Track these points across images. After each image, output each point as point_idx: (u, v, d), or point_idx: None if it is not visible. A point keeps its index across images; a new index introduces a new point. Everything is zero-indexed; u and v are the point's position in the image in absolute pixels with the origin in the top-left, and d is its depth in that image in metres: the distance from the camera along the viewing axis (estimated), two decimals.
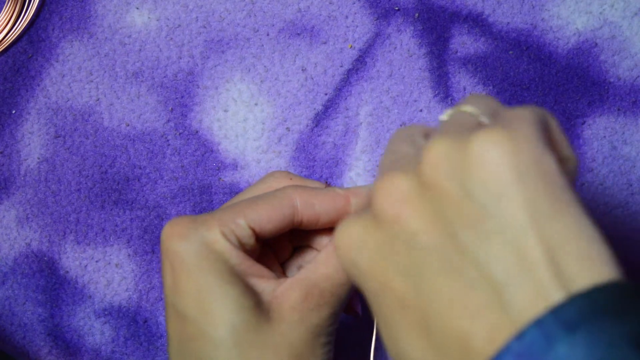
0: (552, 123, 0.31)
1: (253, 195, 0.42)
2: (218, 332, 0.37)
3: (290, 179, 0.43)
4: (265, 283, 0.39)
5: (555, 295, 0.26)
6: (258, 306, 0.38)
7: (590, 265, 0.26)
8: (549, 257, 0.26)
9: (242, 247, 0.39)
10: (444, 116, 0.33)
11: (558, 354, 0.24)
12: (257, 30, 0.51)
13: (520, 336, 0.25)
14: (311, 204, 0.41)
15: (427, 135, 0.34)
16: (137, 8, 0.51)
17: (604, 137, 0.50)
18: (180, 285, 0.38)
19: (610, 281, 0.26)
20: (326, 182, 0.45)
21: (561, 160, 0.31)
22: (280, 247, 0.43)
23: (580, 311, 0.25)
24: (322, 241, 0.43)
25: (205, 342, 0.37)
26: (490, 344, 0.26)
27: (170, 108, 0.51)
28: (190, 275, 0.38)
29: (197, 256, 0.38)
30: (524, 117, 0.29)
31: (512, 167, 0.27)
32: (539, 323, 0.25)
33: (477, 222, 0.27)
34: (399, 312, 0.29)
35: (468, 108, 0.32)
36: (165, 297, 0.40)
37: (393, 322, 0.30)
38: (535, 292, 0.26)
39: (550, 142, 0.30)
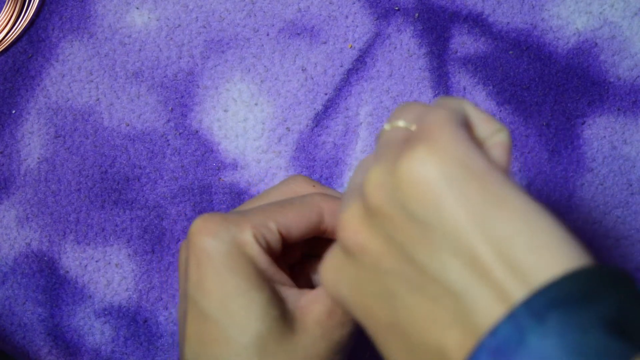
0: (467, 108, 0.32)
1: (277, 199, 0.41)
2: (243, 338, 0.36)
3: (313, 186, 0.43)
4: (289, 291, 0.38)
5: (515, 293, 0.26)
6: (283, 315, 0.37)
7: (544, 254, 0.26)
8: (499, 256, 0.26)
9: (270, 251, 0.39)
10: (379, 133, 0.34)
11: (531, 344, 0.25)
12: (257, 30, 0.51)
13: (493, 332, 0.25)
14: (337, 214, 0.40)
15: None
16: (137, 8, 0.51)
17: (604, 137, 0.50)
18: (205, 283, 0.37)
19: (574, 268, 0.26)
20: None
21: (492, 135, 0.31)
22: (290, 254, 0.43)
23: (549, 300, 0.25)
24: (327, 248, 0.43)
25: (229, 347, 0.36)
26: (463, 350, 0.27)
27: (170, 108, 0.51)
28: (218, 274, 0.37)
29: (227, 256, 0.37)
30: (441, 120, 0.30)
31: (440, 178, 0.28)
32: (511, 317, 0.25)
33: (425, 239, 0.28)
34: (384, 333, 0.30)
35: (399, 122, 0.33)
36: (187, 293, 0.38)
37: (382, 343, 0.31)
38: (495, 294, 0.26)
39: (471, 131, 0.31)
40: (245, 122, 0.51)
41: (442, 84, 0.51)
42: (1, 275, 0.49)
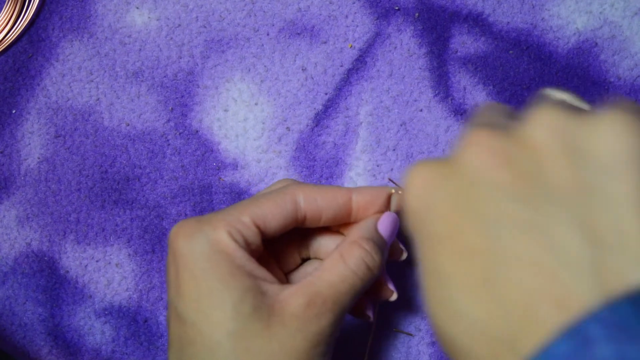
0: None
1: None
2: (217, 336, 0.37)
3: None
4: (268, 285, 0.38)
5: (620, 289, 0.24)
6: (258, 311, 0.37)
7: None
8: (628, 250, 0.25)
9: (248, 247, 0.39)
10: (545, 92, 0.33)
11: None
12: (257, 30, 0.51)
13: (615, 306, 0.23)
14: (313, 199, 0.41)
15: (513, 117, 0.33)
16: (137, 8, 0.51)
17: None
18: (182, 287, 0.38)
19: None
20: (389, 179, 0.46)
21: None
22: (287, 257, 0.43)
23: None
24: (329, 252, 0.43)
25: (203, 346, 0.37)
26: (559, 310, 0.25)
27: (170, 108, 0.51)
28: (193, 277, 0.38)
29: (201, 257, 0.38)
30: (630, 109, 0.28)
31: (630, 149, 0.26)
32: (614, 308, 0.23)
33: (579, 190, 0.26)
34: (463, 261, 0.28)
35: (565, 96, 0.32)
36: (168, 299, 0.39)
37: (453, 274, 0.28)
38: (632, 265, 0.24)
39: None
40: (246, 122, 0.51)
41: (442, 84, 0.51)
42: (1, 275, 0.49)
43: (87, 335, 0.49)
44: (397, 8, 0.51)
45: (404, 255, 0.45)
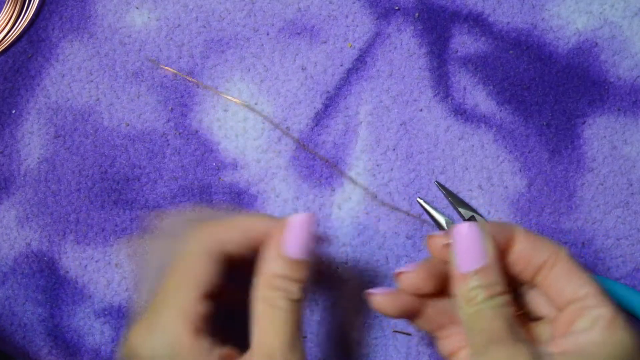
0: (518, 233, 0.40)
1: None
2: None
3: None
4: None
5: None
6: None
7: None
8: None
9: (208, 318, 0.39)
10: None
11: None
12: (257, 30, 0.51)
13: None
14: (223, 241, 0.41)
15: None
16: (137, 8, 0.51)
17: (604, 136, 0.50)
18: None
19: None
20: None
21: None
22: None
23: None
24: None
25: None
26: None
27: (170, 108, 0.51)
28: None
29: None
30: None
31: None
32: None
33: None
34: None
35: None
36: None
37: None
38: None
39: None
40: (245, 122, 0.51)
41: (442, 84, 0.51)
42: (1, 275, 0.49)
43: (87, 335, 0.49)
44: (397, 8, 0.51)
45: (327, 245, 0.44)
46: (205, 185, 0.50)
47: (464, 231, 0.38)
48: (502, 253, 0.39)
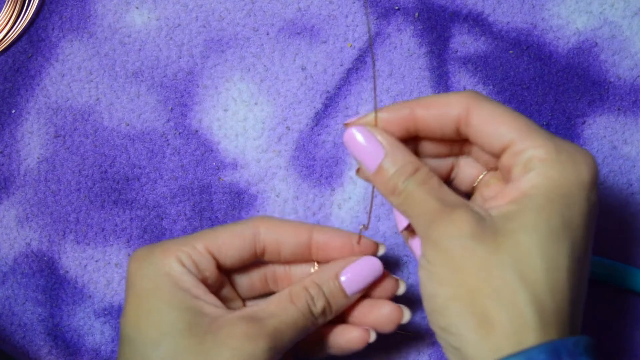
0: None
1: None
2: (147, 353, 0.38)
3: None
4: (212, 308, 0.39)
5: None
6: (194, 327, 0.38)
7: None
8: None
9: (200, 273, 0.41)
10: None
11: None
12: (257, 30, 0.51)
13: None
14: (273, 232, 0.42)
15: None
16: (137, 8, 0.51)
17: (604, 136, 0.50)
18: (126, 306, 0.40)
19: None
20: (362, 228, 0.44)
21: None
22: (256, 291, 0.45)
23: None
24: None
25: None
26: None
27: (170, 107, 0.51)
28: (136, 297, 0.40)
29: (146, 278, 0.40)
30: None
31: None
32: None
33: None
34: None
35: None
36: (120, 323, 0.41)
37: None
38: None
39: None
40: (245, 122, 0.51)
41: (442, 84, 0.51)
42: (1, 275, 0.49)
43: (87, 335, 0.49)
44: (397, 8, 0.51)
45: (402, 288, 0.44)
46: (205, 185, 0.50)
47: (348, 139, 0.40)
48: (406, 131, 0.40)
